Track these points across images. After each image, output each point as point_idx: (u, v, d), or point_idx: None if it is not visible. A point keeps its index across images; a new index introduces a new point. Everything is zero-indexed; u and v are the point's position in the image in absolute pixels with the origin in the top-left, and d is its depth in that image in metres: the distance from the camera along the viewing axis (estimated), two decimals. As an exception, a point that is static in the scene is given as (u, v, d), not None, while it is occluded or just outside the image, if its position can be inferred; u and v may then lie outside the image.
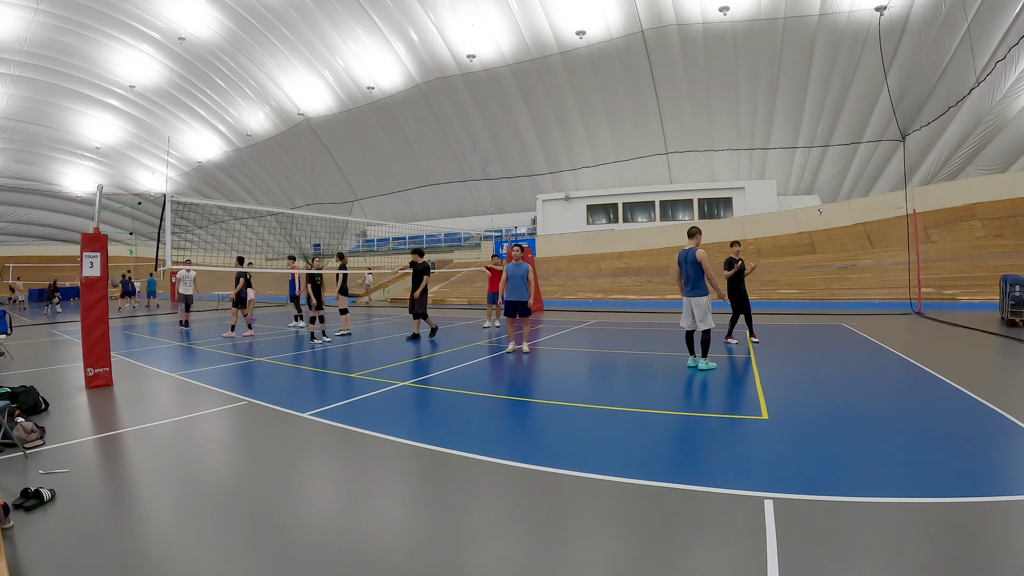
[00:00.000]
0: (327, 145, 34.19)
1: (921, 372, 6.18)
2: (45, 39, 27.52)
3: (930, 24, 18.39)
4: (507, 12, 23.12)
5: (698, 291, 6.60)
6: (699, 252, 6.54)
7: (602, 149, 27.81)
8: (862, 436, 3.91)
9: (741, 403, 4.98)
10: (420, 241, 34.16)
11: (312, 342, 10.03)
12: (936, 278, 15.20)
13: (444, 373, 6.79)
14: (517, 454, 3.71)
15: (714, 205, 26.86)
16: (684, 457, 3.68)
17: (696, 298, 6.60)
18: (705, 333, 6.54)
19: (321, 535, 2.66)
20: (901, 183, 19.65)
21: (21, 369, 7.74)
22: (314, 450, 4.05)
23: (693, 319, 6.62)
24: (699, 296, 6.59)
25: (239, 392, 5.87)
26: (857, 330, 10.07)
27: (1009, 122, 18.51)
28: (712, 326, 6.58)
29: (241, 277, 12.01)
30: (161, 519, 2.91)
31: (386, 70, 27.86)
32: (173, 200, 8.34)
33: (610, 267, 24.30)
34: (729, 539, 2.51)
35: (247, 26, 27.23)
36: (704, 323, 6.52)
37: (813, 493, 2.90)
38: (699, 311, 6.55)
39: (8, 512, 2.75)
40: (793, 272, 19.13)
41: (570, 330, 11.49)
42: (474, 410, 5.04)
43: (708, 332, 6.55)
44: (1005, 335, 8.79)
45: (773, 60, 22.02)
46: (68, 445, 4.14)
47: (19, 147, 35.69)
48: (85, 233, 6.47)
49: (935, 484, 3.01)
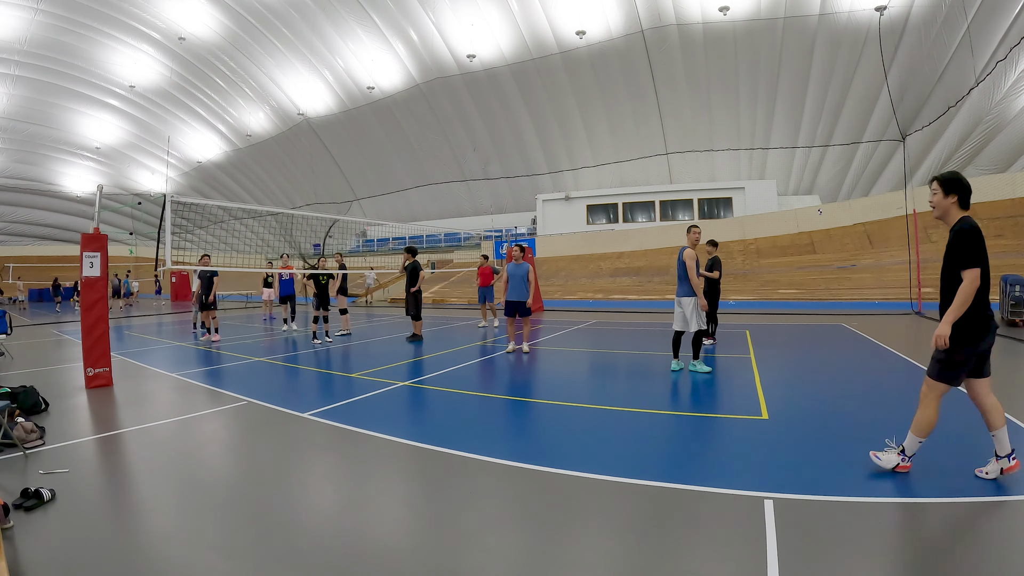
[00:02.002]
0: (327, 145, 34.20)
1: (921, 372, 6.17)
2: (45, 39, 27.52)
3: (930, 24, 18.40)
4: (507, 12, 23.13)
5: (685, 291, 6.50)
6: (686, 252, 6.43)
7: (602, 149, 27.81)
8: (862, 436, 3.90)
9: (741, 403, 4.98)
10: (420, 241, 34.16)
11: (314, 342, 10.04)
12: (936, 278, 15.11)
13: (444, 373, 6.79)
14: (517, 454, 3.71)
15: (714, 205, 26.86)
16: (684, 457, 3.68)
17: (684, 298, 6.51)
18: (696, 334, 6.47)
19: (321, 535, 2.66)
20: (901, 183, 19.65)
21: (21, 369, 7.74)
22: (314, 450, 4.05)
23: (685, 320, 6.52)
24: (687, 296, 6.48)
25: (239, 392, 5.87)
26: (857, 330, 10.07)
27: (1009, 122, 18.51)
28: (703, 326, 6.48)
29: (214, 276, 10.96)
30: (161, 519, 2.91)
31: (386, 70, 27.86)
32: (173, 200, 8.34)
33: (610, 267, 24.30)
34: (729, 539, 2.51)
35: (247, 26, 27.23)
36: (694, 324, 6.43)
37: (813, 493, 2.90)
38: (688, 311, 6.44)
39: (8, 512, 2.75)
40: (793, 272, 19.13)
41: (570, 330, 11.49)
42: (474, 410, 5.04)
43: (698, 333, 6.46)
44: (1005, 335, 8.79)
45: (773, 60, 22.02)
46: (68, 445, 4.14)
47: (19, 147, 35.68)
48: (85, 233, 6.47)
49: (935, 484, 3.01)
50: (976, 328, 2.97)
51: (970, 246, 2.93)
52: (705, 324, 6.54)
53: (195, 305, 11.78)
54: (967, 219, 3.04)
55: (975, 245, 2.93)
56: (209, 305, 10.87)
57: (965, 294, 2.91)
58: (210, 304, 10.88)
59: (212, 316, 10.89)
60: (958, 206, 3.10)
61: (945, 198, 3.11)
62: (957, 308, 2.93)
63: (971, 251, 2.92)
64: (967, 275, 2.92)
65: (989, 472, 3.05)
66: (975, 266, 2.90)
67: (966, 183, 3.10)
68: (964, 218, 3.06)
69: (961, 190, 3.07)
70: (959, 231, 3.00)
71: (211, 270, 10.81)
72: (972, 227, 2.97)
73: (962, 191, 3.08)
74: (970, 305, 2.91)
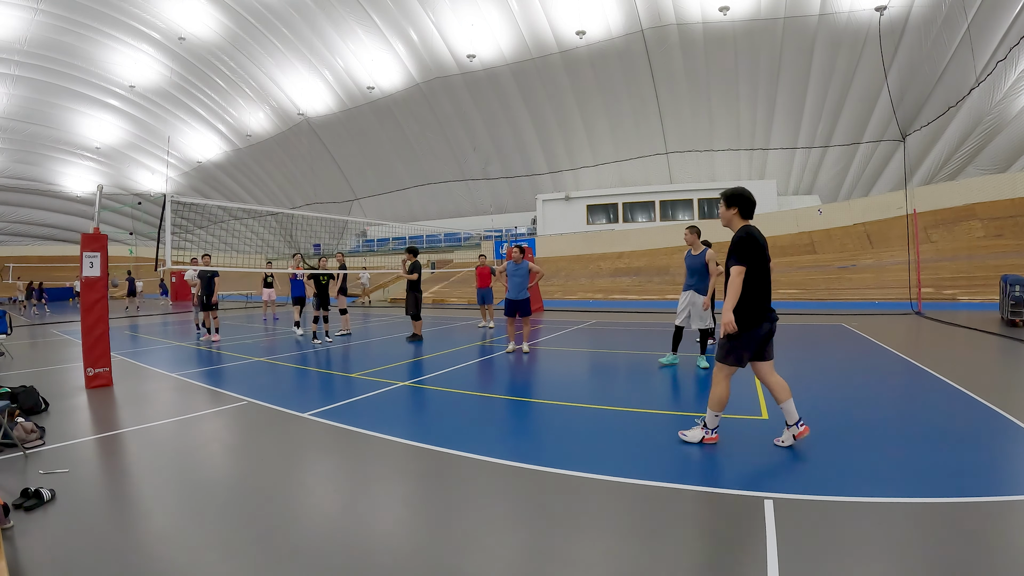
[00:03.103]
0: (327, 145, 34.19)
1: (921, 372, 6.18)
2: (45, 39, 27.51)
3: (930, 24, 18.39)
4: (507, 12, 23.12)
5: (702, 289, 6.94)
6: (709, 252, 6.85)
7: (602, 149, 27.81)
8: (862, 436, 3.90)
9: (741, 403, 4.98)
10: (420, 241, 34.16)
11: (314, 342, 10.04)
12: (936, 278, 15.20)
13: (444, 373, 6.79)
14: (517, 454, 3.71)
15: (714, 205, 26.83)
16: (684, 457, 3.68)
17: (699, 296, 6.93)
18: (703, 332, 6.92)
19: (321, 535, 2.66)
20: (901, 183, 19.67)
21: (21, 369, 7.74)
22: (314, 450, 4.05)
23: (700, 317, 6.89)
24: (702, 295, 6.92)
25: (239, 392, 5.87)
26: (857, 330, 10.06)
27: (1009, 122, 18.51)
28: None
29: (214, 277, 10.93)
30: (161, 519, 2.91)
31: (386, 70, 27.86)
32: (173, 200, 8.33)
33: (610, 267, 24.30)
34: (729, 539, 2.51)
35: (247, 26, 27.22)
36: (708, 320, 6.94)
37: (813, 493, 2.90)
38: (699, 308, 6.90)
39: (8, 512, 2.75)
40: (793, 272, 19.13)
41: (570, 330, 11.49)
42: (474, 410, 5.04)
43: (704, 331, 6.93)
44: (1005, 335, 8.78)
45: (773, 60, 22.02)
46: (68, 445, 4.14)
47: (19, 147, 35.68)
48: (85, 233, 6.47)
49: (935, 484, 3.01)
50: (752, 317, 3.56)
51: (739, 249, 3.56)
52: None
53: (195, 306, 11.75)
54: (745, 228, 3.65)
55: (745, 248, 3.55)
56: (210, 305, 10.87)
57: (732, 286, 3.53)
58: (212, 304, 10.88)
59: (213, 316, 10.89)
60: (739, 216, 3.71)
61: (727, 210, 3.73)
62: (730, 299, 3.53)
63: (741, 253, 3.55)
64: (733, 271, 3.56)
65: (784, 440, 3.66)
66: (741, 264, 3.54)
67: (747, 196, 3.70)
68: (745, 227, 3.66)
69: (742, 203, 3.69)
70: (736, 238, 3.62)
71: (211, 270, 10.78)
72: (747, 235, 3.59)
73: (743, 204, 3.69)
74: (747, 297, 3.52)
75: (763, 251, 3.59)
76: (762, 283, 3.58)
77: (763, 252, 3.59)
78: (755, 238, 3.58)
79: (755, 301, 3.56)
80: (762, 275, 3.58)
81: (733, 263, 3.56)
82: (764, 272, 3.59)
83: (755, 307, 3.56)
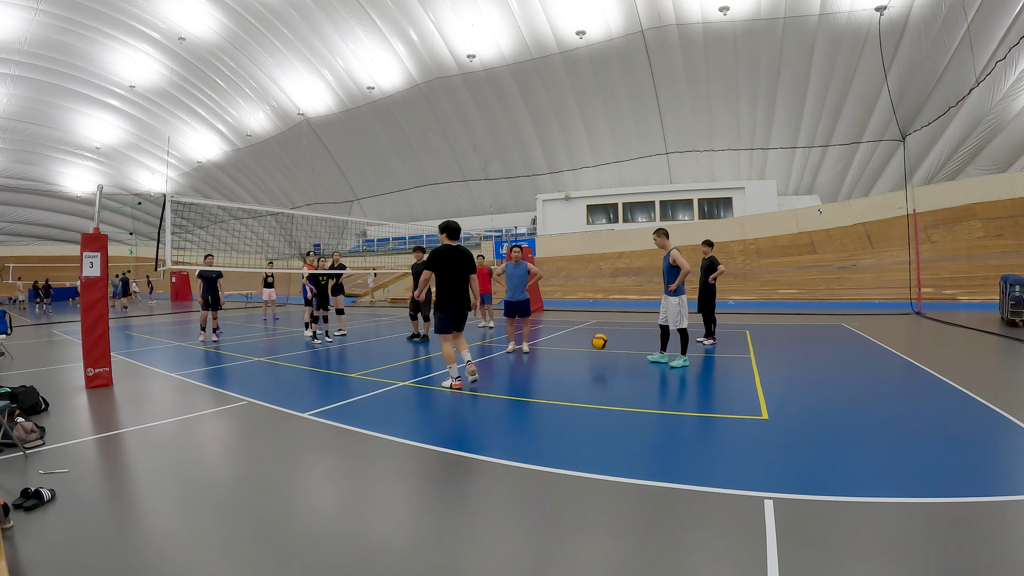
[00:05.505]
0: (327, 145, 34.18)
1: (921, 372, 6.19)
2: (45, 39, 27.49)
3: (930, 24, 18.38)
4: (507, 12, 23.11)
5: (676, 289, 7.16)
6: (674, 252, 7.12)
7: (602, 149, 27.80)
8: (862, 436, 3.91)
9: (741, 403, 4.98)
10: (420, 241, 34.15)
11: (314, 342, 10.04)
12: (936, 278, 15.20)
13: (444, 373, 6.78)
14: (517, 454, 3.71)
15: (714, 205, 26.85)
16: (684, 457, 3.68)
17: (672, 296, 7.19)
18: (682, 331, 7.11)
19: (321, 535, 2.66)
20: (901, 183, 19.66)
21: (21, 369, 7.74)
22: (314, 450, 4.05)
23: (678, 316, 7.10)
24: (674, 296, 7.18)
25: (239, 392, 5.87)
26: (857, 330, 10.07)
27: (1009, 122, 18.49)
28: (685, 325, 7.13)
29: (218, 278, 10.98)
30: (161, 519, 2.91)
31: (386, 70, 27.84)
32: (173, 200, 8.33)
33: (610, 267, 24.30)
34: (729, 539, 2.51)
35: (247, 26, 27.21)
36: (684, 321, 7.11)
37: (813, 493, 2.90)
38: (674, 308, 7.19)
39: (8, 512, 2.75)
40: (793, 272, 19.13)
41: (570, 330, 11.49)
42: (474, 410, 5.04)
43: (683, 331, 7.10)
44: (1005, 335, 8.79)
45: (773, 60, 22.01)
46: (68, 445, 4.14)
47: (19, 147, 35.65)
48: (85, 233, 6.47)
49: (935, 484, 3.01)
50: (440, 304, 5.77)
51: (427, 259, 5.86)
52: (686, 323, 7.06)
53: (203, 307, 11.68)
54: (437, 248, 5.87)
55: (431, 259, 5.78)
56: (212, 306, 10.89)
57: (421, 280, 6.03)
58: (219, 305, 10.97)
59: (213, 316, 10.90)
60: (448, 238, 5.90)
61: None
62: (416, 289, 6.39)
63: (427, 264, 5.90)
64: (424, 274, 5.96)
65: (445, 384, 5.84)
66: (429, 270, 5.85)
67: (450, 225, 5.95)
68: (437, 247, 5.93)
69: (446, 230, 5.93)
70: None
71: (215, 270, 10.83)
72: (433, 251, 5.81)
73: (445, 229, 5.94)
74: (427, 290, 5.84)
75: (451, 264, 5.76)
76: (443, 287, 5.77)
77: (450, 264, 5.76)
78: (440, 253, 5.77)
79: (441, 296, 5.76)
80: (441, 280, 5.77)
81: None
82: (442, 278, 5.77)
83: (441, 298, 5.77)
